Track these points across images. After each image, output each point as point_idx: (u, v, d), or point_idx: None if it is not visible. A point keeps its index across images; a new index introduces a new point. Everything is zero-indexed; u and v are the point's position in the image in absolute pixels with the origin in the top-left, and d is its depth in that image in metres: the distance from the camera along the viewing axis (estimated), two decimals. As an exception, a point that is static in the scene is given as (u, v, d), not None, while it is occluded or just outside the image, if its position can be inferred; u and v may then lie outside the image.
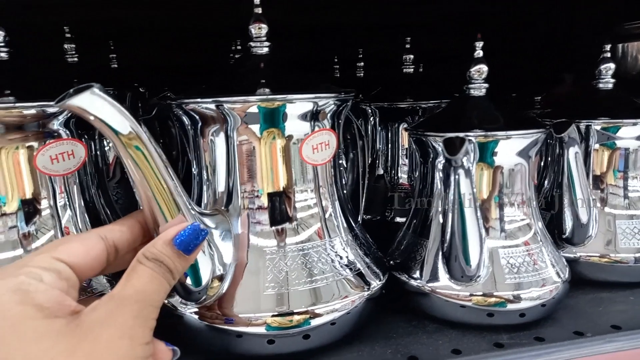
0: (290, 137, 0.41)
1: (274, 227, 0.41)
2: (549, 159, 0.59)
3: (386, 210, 0.68)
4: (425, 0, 0.87)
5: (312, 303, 0.40)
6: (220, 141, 0.42)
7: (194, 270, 0.35)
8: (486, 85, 0.48)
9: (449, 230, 0.42)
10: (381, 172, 0.70)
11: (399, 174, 0.69)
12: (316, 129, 0.42)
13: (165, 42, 0.96)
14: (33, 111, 0.41)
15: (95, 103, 0.30)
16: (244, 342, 0.40)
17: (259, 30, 0.44)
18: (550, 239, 0.49)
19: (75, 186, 0.45)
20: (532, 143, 0.46)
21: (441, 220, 0.44)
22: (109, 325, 0.26)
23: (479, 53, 0.48)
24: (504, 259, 0.45)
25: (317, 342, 0.41)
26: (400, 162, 0.69)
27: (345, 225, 0.45)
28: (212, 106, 0.40)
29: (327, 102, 0.42)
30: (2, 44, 0.44)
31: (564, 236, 0.52)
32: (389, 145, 0.69)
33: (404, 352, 0.43)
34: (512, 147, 0.45)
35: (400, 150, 0.68)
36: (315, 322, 0.40)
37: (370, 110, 0.69)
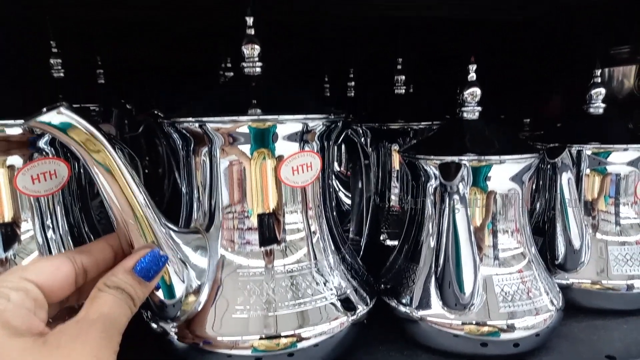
0: (276, 157, 0.40)
1: (256, 248, 0.41)
2: (541, 183, 0.59)
3: (378, 233, 0.68)
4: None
5: (294, 326, 0.39)
6: (206, 160, 0.41)
7: (167, 285, 0.36)
8: (479, 108, 0.48)
9: (442, 256, 0.41)
10: (372, 195, 0.69)
11: (391, 196, 0.68)
12: (301, 150, 0.41)
13: (156, 44, 0.95)
14: (16, 130, 0.39)
15: (61, 121, 0.29)
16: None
17: (252, 50, 0.43)
18: (544, 266, 0.48)
19: (58, 206, 0.44)
20: (525, 167, 0.45)
21: (434, 246, 0.43)
22: (75, 346, 0.26)
23: (473, 76, 0.47)
24: (498, 287, 0.44)
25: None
26: (391, 185, 0.68)
27: (332, 247, 0.44)
28: (197, 125, 0.40)
29: (316, 124, 0.42)
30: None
31: (556, 262, 0.51)
32: (380, 166, 0.68)
33: (394, 384, 0.41)
34: (505, 172, 0.44)
35: (391, 172, 0.68)
36: (298, 346, 0.39)
37: (361, 131, 0.69)
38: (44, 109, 0.29)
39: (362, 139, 0.69)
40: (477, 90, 0.47)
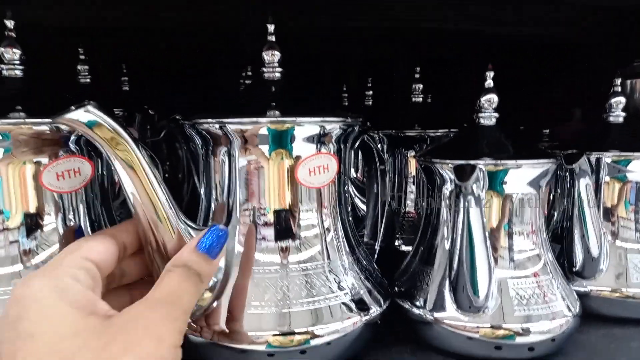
0: (293, 159, 0.41)
1: (271, 245, 0.41)
2: (559, 191, 0.58)
3: (393, 238, 0.68)
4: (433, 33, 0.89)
5: (308, 324, 0.40)
6: (225, 160, 0.42)
7: None
8: (496, 114, 0.48)
9: (456, 258, 0.42)
10: (388, 199, 0.69)
11: (407, 202, 0.68)
12: (318, 152, 0.42)
13: (179, 51, 0.97)
14: (44, 127, 0.41)
15: (89, 119, 0.31)
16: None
17: (272, 57, 0.44)
18: (561, 272, 0.48)
19: (80, 203, 0.45)
20: (542, 173, 0.45)
21: (448, 248, 0.43)
22: (137, 326, 0.26)
23: (490, 83, 0.48)
24: (513, 290, 0.44)
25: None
26: (407, 190, 0.68)
27: (347, 248, 0.45)
28: (217, 127, 0.41)
29: (333, 127, 0.42)
30: (18, 62, 0.45)
31: (574, 269, 0.51)
32: (397, 173, 0.69)
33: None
34: (522, 177, 0.45)
35: (407, 179, 0.68)
36: (311, 343, 0.39)
37: (378, 138, 0.69)
38: (72, 107, 0.31)
39: (379, 145, 0.70)
40: (494, 97, 0.48)
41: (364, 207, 0.72)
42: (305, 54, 0.88)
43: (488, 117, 0.48)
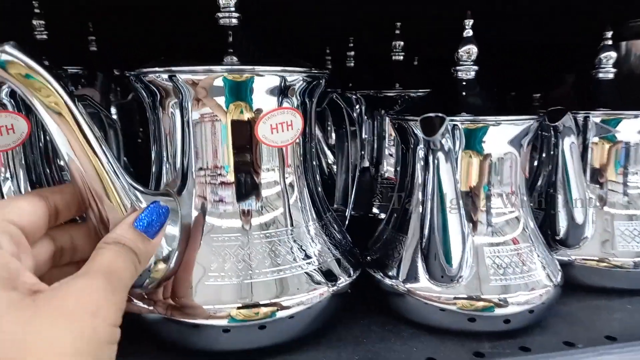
0: (251, 114, 0.37)
1: (230, 210, 0.38)
2: (544, 155, 0.54)
3: (371, 206, 0.64)
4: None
5: (269, 295, 0.36)
6: (176, 118, 0.38)
7: None
8: (475, 67, 0.44)
9: (427, 224, 0.38)
10: (367, 164, 0.66)
11: (386, 167, 0.64)
12: (280, 106, 0.38)
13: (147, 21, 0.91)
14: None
15: (4, 60, 0.26)
16: (189, 332, 0.36)
17: (228, 0, 0.40)
18: (542, 240, 0.45)
19: (18, 163, 0.41)
20: (523, 131, 0.41)
21: (420, 214, 0.39)
22: (67, 298, 0.23)
23: (469, 32, 0.43)
24: (489, 259, 0.41)
25: (275, 339, 0.38)
26: (386, 154, 0.64)
27: (313, 214, 0.41)
28: (167, 77, 0.36)
29: (296, 78, 0.38)
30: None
31: (557, 237, 0.48)
32: (375, 136, 0.65)
33: (372, 359, 0.38)
34: (501, 135, 0.41)
35: (387, 142, 0.64)
36: (275, 316, 0.36)
37: (355, 98, 0.65)
38: None
39: (357, 107, 0.66)
40: (473, 48, 0.43)
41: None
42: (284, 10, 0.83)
43: (466, 71, 0.44)
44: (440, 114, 0.32)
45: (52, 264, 0.30)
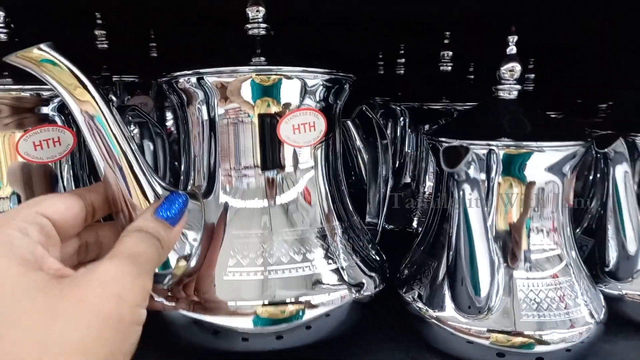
0: (274, 114, 0.37)
1: (254, 208, 0.38)
2: (598, 176, 0.51)
3: (411, 221, 0.63)
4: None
5: (291, 294, 0.36)
6: (203, 120, 0.39)
7: None
8: (518, 87, 0.41)
9: (454, 253, 0.36)
10: (408, 180, 0.64)
11: (427, 182, 0.62)
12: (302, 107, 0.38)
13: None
14: (26, 94, 0.40)
15: (41, 56, 0.28)
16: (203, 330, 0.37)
17: (257, 13, 0.40)
18: (586, 273, 0.42)
19: (65, 173, 0.43)
20: (566, 158, 0.38)
21: (447, 242, 0.38)
22: (93, 282, 0.23)
23: (512, 49, 0.41)
24: (522, 292, 0.38)
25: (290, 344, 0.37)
26: (429, 170, 0.62)
27: (335, 221, 0.41)
28: (195, 80, 0.38)
29: (316, 81, 0.38)
30: (2, 25, 0.43)
31: (607, 269, 0.44)
32: (418, 151, 0.63)
33: (392, 388, 0.37)
34: (542, 161, 0.38)
35: (429, 157, 0.62)
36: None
37: (399, 111, 0.64)
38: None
39: (402, 119, 0.64)
40: (516, 66, 0.41)
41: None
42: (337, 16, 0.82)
43: (508, 90, 0.41)
44: (465, 144, 0.30)
45: (78, 260, 0.31)
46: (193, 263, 0.36)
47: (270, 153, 0.38)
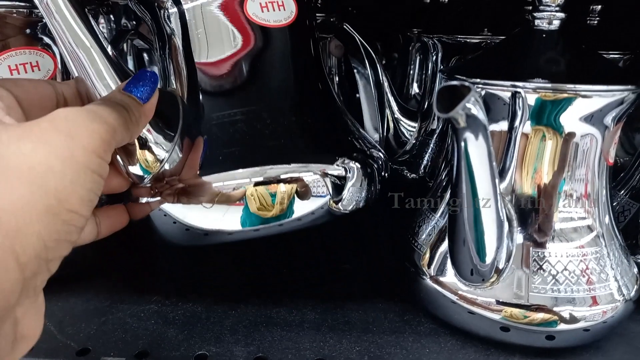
0: None
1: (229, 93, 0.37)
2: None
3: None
4: None
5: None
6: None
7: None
8: (561, 15, 0.34)
9: (460, 214, 0.31)
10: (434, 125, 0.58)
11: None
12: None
13: None
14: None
15: None
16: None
17: None
18: (621, 243, 0.35)
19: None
20: (609, 106, 0.31)
21: (450, 197, 0.33)
22: (42, 122, 0.22)
23: (557, -32, 0.33)
24: (536, 263, 0.33)
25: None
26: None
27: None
28: None
29: None
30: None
31: (648, 238, 0.38)
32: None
33: (375, 354, 0.34)
34: (573, 109, 0.31)
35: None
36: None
37: (431, 44, 0.56)
38: None
39: (434, 54, 0.57)
40: (560, -12, 0.33)
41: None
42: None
43: (547, 19, 0.34)
44: (466, 84, 0.24)
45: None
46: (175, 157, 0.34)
47: (243, 36, 0.36)
